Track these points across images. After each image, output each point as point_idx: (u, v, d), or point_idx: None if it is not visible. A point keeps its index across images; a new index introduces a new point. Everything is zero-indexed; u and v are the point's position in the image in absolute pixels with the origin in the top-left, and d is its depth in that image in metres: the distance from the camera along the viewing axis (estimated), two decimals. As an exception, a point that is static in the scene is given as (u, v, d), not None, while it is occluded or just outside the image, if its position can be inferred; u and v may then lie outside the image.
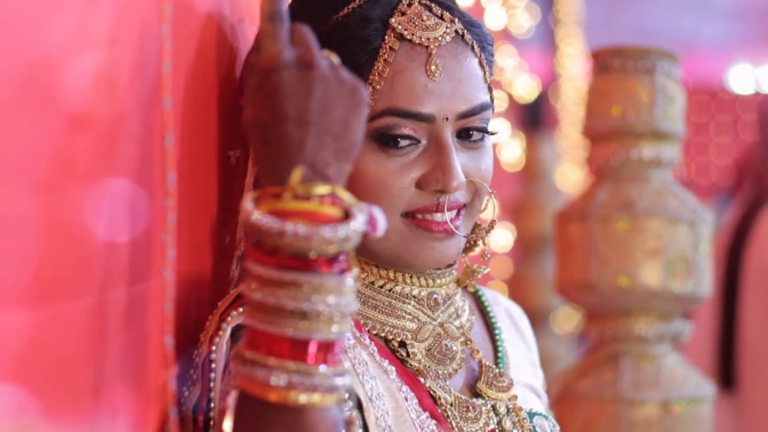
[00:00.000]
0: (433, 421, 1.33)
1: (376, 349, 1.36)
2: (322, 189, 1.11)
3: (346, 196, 1.12)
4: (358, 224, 1.11)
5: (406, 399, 1.33)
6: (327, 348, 1.10)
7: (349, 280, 1.11)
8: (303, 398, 1.08)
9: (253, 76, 1.15)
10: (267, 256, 1.09)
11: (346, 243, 1.10)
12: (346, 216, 1.11)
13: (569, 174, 6.95)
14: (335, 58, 1.18)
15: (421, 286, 1.41)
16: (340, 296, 1.09)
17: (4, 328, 0.91)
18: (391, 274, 1.40)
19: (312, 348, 1.09)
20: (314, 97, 1.13)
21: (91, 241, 1.05)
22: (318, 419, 1.09)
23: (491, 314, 1.53)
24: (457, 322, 1.44)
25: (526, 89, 6.20)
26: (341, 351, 1.12)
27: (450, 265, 1.45)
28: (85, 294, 1.04)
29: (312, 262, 1.09)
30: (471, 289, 1.50)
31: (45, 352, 0.97)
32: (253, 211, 1.09)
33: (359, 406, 1.29)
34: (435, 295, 1.42)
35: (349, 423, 1.23)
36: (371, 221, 1.14)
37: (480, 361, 1.44)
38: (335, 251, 1.10)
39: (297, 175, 1.11)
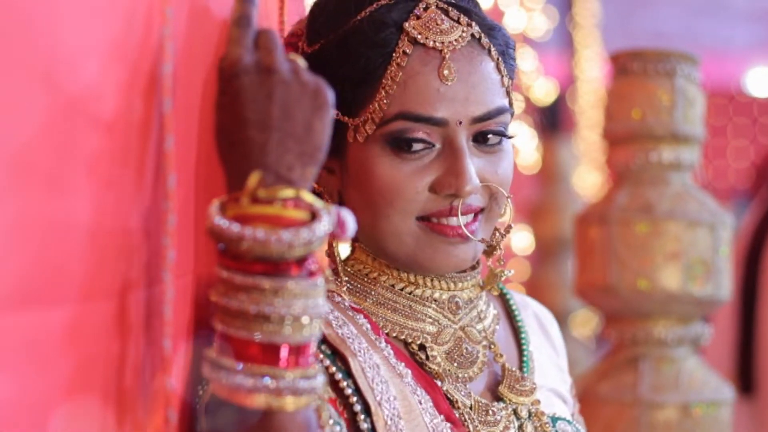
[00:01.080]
0: (448, 425, 1.32)
1: (392, 352, 1.35)
2: (285, 193, 1.11)
3: (311, 198, 1.12)
4: (322, 227, 1.11)
5: (420, 402, 1.32)
6: (299, 351, 1.10)
7: (318, 283, 1.11)
8: (272, 401, 1.08)
9: (217, 81, 1.15)
10: (232, 261, 1.10)
11: (310, 245, 1.10)
12: (313, 219, 1.11)
13: (586, 177, 6.94)
14: (301, 61, 1.18)
15: (442, 289, 1.41)
16: (306, 299, 1.09)
17: (35, 329, 0.91)
18: (412, 278, 1.40)
19: (283, 352, 1.09)
20: (275, 101, 1.14)
21: (115, 242, 1.05)
22: (288, 421, 1.10)
23: (518, 318, 1.52)
24: (479, 326, 1.43)
25: (544, 92, 6.20)
26: (313, 353, 1.12)
27: (473, 268, 1.44)
28: (110, 295, 1.04)
29: (281, 265, 1.09)
30: (495, 293, 1.48)
31: (73, 353, 0.97)
32: (214, 216, 1.09)
33: (367, 411, 1.28)
34: (456, 299, 1.42)
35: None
36: (340, 223, 1.13)
37: (503, 365, 1.43)
38: (301, 254, 1.09)
39: (254, 179, 1.11)
